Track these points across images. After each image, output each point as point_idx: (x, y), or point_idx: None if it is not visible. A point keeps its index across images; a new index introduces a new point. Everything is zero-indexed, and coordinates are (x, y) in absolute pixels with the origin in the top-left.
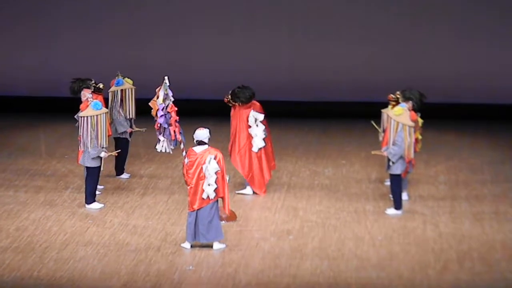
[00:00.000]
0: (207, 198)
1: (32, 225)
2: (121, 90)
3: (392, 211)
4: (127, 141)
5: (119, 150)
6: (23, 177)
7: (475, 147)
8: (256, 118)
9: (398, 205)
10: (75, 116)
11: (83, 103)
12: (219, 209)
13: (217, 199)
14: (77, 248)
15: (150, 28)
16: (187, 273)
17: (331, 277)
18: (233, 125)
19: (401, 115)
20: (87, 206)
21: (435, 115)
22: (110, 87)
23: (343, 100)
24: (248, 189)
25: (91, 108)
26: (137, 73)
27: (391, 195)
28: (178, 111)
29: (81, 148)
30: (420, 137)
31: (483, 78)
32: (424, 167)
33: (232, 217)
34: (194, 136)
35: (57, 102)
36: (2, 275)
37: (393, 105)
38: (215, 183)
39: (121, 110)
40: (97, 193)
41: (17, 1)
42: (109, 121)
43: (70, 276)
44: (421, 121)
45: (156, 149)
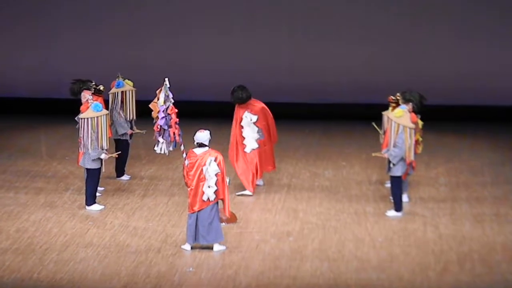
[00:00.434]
0: (207, 200)
1: (32, 226)
2: (122, 92)
3: (392, 213)
4: (128, 142)
5: (120, 151)
6: (23, 178)
7: (476, 149)
8: (250, 119)
9: (398, 207)
10: (76, 118)
11: (83, 104)
12: (220, 211)
13: (217, 201)
14: (77, 249)
15: (150, 29)
16: (187, 275)
17: (331, 279)
18: (232, 124)
19: (401, 117)
20: (88, 207)
21: (435, 117)
22: (110, 88)
23: (344, 101)
24: (248, 191)
25: (92, 110)
26: (137, 74)
27: (391, 197)
28: (178, 112)
29: (81, 149)
30: (420, 139)
31: (483, 79)
32: (424, 169)
33: (232, 219)
34: (194, 138)
35: (57, 103)
36: (2, 276)
37: (393, 107)
38: (215, 185)
39: (122, 111)
40: (98, 194)
41: (17, 2)
42: (110, 122)
43: (70, 277)
44: (421, 123)
45: (154, 151)
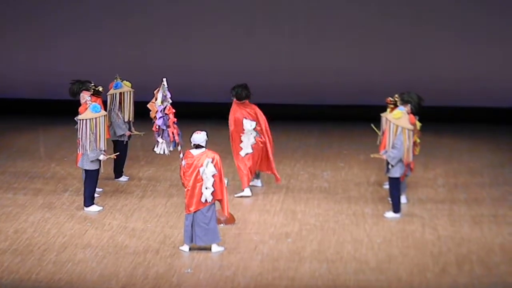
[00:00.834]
0: (205, 201)
1: (30, 227)
2: (120, 93)
3: (390, 214)
4: (126, 144)
5: (118, 153)
6: (22, 179)
7: (474, 150)
8: (250, 125)
9: (396, 208)
10: (75, 118)
11: (82, 106)
12: (218, 212)
13: (214, 201)
14: (75, 250)
15: (149, 30)
16: (186, 276)
17: (329, 280)
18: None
19: (400, 118)
20: (86, 208)
21: (433, 118)
22: (108, 90)
23: (342, 103)
24: (247, 191)
25: (90, 111)
26: (137, 75)
27: (389, 198)
28: (176, 113)
29: (80, 150)
30: (418, 140)
31: (481, 80)
32: (422, 170)
33: (231, 220)
34: (191, 139)
35: (56, 104)
36: (1, 277)
37: (391, 108)
38: (212, 186)
39: (120, 113)
40: (96, 195)
41: (16, 3)
42: (108, 124)
43: (68, 278)
44: (419, 124)
45: (154, 151)
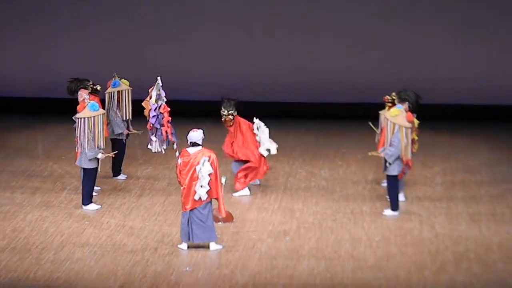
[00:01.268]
0: (199, 199)
1: (28, 226)
2: (118, 91)
3: (388, 212)
4: (124, 142)
5: (116, 151)
6: (19, 178)
7: (472, 148)
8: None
9: (394, 206)
10: (73, 117)
11: (80, 104)
12: (215, 211)
13: (210, 200)
14: (73, 249)
15: (147, 30)
16: (184, 274)
17: (327, 278)
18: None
19: (397, 116)
20: (84, 207)
21: (431, 116)
22: (106, 88)
23: (340, 101)
24: (245, 190)
25: (88, 109)
26: (135, 74)
27: (387, 196)
28: (171, 111)
29: (78, 149)
30: (416, 138)
31: (479, 78)
32: (420, 168)
33: (228, 218)
34: (188, 137)
35: (54, 103)
36: None
37: (389, 106)
38: (208, 185)
39: (118, 111)
40: (94, 194)
41: (15, 3)
42: (106, 122)
43: (66, 277)
44: (417, 122)
45: (149, 149)
